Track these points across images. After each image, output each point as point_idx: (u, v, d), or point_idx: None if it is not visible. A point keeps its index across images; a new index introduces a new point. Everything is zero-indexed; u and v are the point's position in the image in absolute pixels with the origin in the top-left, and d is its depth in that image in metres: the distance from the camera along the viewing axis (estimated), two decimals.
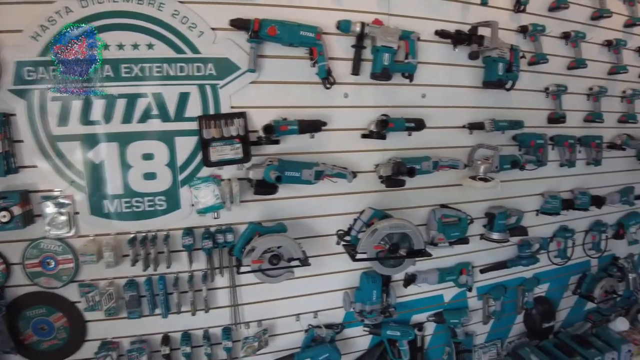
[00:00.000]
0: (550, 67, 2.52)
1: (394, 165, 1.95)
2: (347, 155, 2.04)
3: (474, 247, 2.51)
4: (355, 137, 2.03)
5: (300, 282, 2.10)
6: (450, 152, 2.25)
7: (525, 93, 2.47)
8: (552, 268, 2.92)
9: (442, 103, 2.21)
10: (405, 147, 2.14)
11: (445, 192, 2.33)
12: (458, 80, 2.24)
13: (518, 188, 2.58)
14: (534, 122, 2.55)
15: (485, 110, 2.33)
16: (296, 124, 1.81)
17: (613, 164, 3.02)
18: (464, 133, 2.28)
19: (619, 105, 2.97)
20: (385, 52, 1.90)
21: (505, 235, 2.43)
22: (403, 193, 2.19)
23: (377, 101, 2.05)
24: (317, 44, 1.82)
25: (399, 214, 2.20)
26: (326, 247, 2.10)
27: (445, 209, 2.29)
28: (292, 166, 1.82)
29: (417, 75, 2.08)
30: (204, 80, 1.80)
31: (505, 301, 2.73)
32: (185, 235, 1.85)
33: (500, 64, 2.16)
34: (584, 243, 3.05)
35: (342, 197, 2.08)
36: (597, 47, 2.76)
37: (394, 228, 1.89)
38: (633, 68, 2.92)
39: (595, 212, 2.97)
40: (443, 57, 2.17)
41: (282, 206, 1.99)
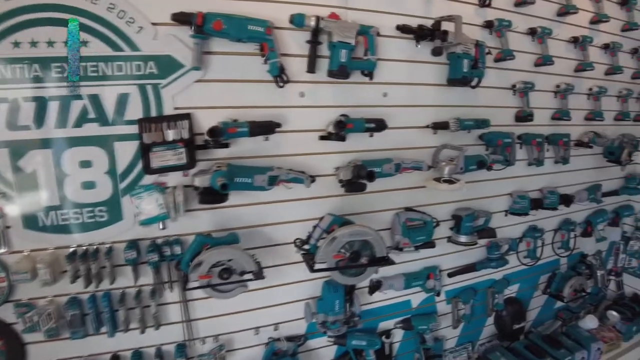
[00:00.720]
0: (517, 64, 2.45)
1: (353, 169, 1.84)
2: (305, 158, 1.91)
3: (441, 250, 2.43)
4: (313, 139, 1.90)
5: (259, 293, 1.98)
6: (414, 153, 2.15)
7: (491, 91, 2.39)
8: (522, 268, 2.87)
9: (405, 102, 2.10)
10: (366, 149, 2.03)
11: (410, 194, 2.23)
12: (421, 78, 2.13)
13: (486, 188, 2.51)
14: (501, 120, 2.47)
15: (450, 109, 2.24)
16: (246, 125, 1.67)
17: (580, 162, 2.98)
18: (428, 133, 2.18)
19: (586, 102, 2.93)
20: (343, 49, 1.78)
21: (473, 238, 2.36)
22: (366, 197, 2.08)
23: (335, 100, 1.92)
24: (268, 40, 1.68)
25: (362, 218, 2.09)
26: (285, 256, 1.98)
27: (410, 212, 2.20)
28: (243, 171, 1.68)
29: (377, 72, 1.97)
30: (145, 79, 1.64)
31: (475, 304, 2.67)
32: (129, 248, 1.70)
33: (465, 60, 2.07)
34: (553, 242, 3.02)
35: (302, 202, 1.96)
36: (563, 43, 2.71)
37: (354, 235, 1.78)
38: (599, 65, 2.88)
39: (564, 211, 2.93)
40: (405, 53, 2.06)
41: (236, 214, 1.85)
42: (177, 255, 1.76)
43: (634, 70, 3.22)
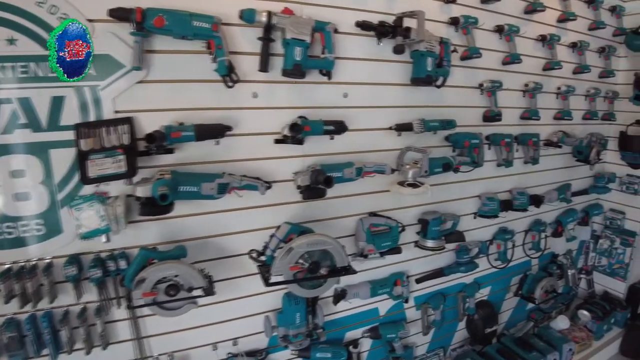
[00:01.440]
0: (484, 62, 2.39)
1: (311, 174, 1.73)
2: (260, 163, 1.79)
3: (408, 255, 2.35)
4: (269, 143, 1.78)
5: (216, 307, 1.85)
6: (377, 156, 2.06)
7: (458, 90, 2.32)
8: (493, 271, 2.82)
9: (367, 103, 2.00)
10: (327, 152, 1.92)
11: (374, 198, 2.13)
12: (384, 78, 2.04)
13: (453, 191, 2.44)
14: (468, 120, 2.41)
15: (414, 109, 2.15)
16: (192, 129, 1.55)
17: (550, 162, 2.95)
18: (392, 135, 2.09)
19: (555, 101, 2.90)
20: (297, 46, 1.66)
21: (440, 242, 2.28)
22: (328, 202, 1.98)
23: (292, 101, 1.81)
24: (215, 37, 1.56)
25: (324, 225, 1.99)
26: (242, 267, 1.85)
27: (375, 218, 2.10)
28: (188, 179, 1.56)
29: (337, 72, 1.87)
30: (82, 81, 1.49)
31: (446, 309, 2.61)
32: (69, 264, 1.55)
33: (429, 58, 1.98)
34: (524, 243, 2.98)
35: (258, 210, 1.84)
36: (531, 42, 2.66)
37: (313, 245, 1.67)
38: (567, 64, 2.85)
39: (534, 212, 2.90)
40: (366, 52, 1.96)
41: (186, 225, 1.72)
42: (123, 270, 1.62)
43: (601, 69, 3.21)
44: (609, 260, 3.60)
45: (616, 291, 3.62)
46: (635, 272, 3.56)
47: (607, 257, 3.61)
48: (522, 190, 2.71)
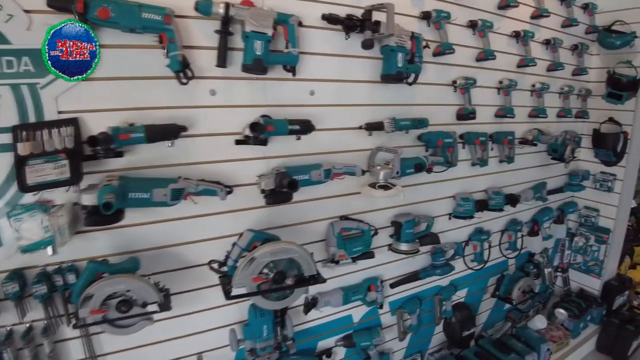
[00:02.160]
0: (458, 59, 2.32)
1: (276, 177, 1.62)
2: (220, 166, 1.67)
3: (382, 259, 2.26)
4: (229, 144, 1.66)
5: (178, 321, 1.72)
6: (347, 157, 1.96)
7: (430, 87, 2.24)
8: (469, 272, 2.76)
9: (335, 101, 1.90)
10: (293, 154, 1.82)
11: (345, 201, 2.04)
12: (353, 74, 1.94)
13: (427, 192, 2.36)
14: (441, 119, 2.33)
15: (385, 108, 2.06)
16: (142, 130, 1.42)
17: (525, 160, 2.92)
18: (363, 134, 2.00)
19: (529, 99, 2.86)
20: (257, 39, 1.55)
21: (414, 245, 2.20)
22: (296, 206, 1.88)
23: (254, 99, 1.70)
24: (167, 29, 1.43)
25: (291, 231, 1.89)
26: (203, 278, 1.73)
27: (346, 222, 2.01)
28: (138, 185, 1.42)
29: (302, 68, 1.76)
30: (19, 78, 1.34)
31: (422, 313, 2.53)
32: (9, 280, 1.40)
33: (400, 54, 1.90)
34: (500, 243, 2.93)
35: (220, 217, 1.72)
36: (505, 38, 2.60)
37: (277, 254, 1.56)
38: (540, 62, 2.81)
39: (510, 211, 2.85)
40: (333, 46, 1.86)
41: (140, 234, 1.59)
42: (72, 284, 1.48)
43: (574, 66, 3.19)
44: (584, 258, 3.61)
45: (591, 288, 3.63)
46: (610, 269, 3.59)
47: (582, 255, 3.61)
48: (498, 190, 2.66)
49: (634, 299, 3.91)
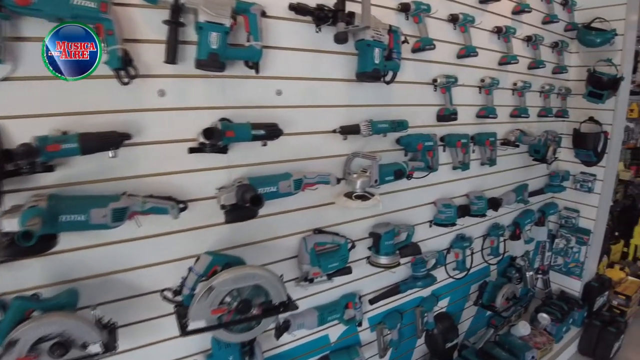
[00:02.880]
0: (438, 55, 2.15)
1: (237, 191, 1.41)
2: (172, 178, 1.44)
3: (360, 273, 2.09)
4: (183, 152, 1.43)
5: (130, 356, 1.48)
6: (320, 164, 1.77)
7: (409, 86, 2.07)
8: (451, 281, 2.61)
9: (306, 101, 1.70)
10: (259, 162, 1.61)
11: (319, 213, 1.84)
12: (325, 72, 1.74)
13: (407, 198, 2.19)
14: (421, 120, 2.16)
15: (361, 109, 1.87)
16: (76, 140, 1.18)
17: (506, 162, 2.79)
18: (337, 139, 1.80)
19: (511, 98, 2.73)
20: (213, 31, 1.34)
21: (395, 258, 2.03)
22: (263, 221, 1.67)
23: (211, 100, 1.47)
24: (104, 19, 1.20)
25: (258, 249, 1.68)
26: (159, 306, 1.47)
27: (320, 235, 1.82)
28: (73, 205, 1.19)
29: (268, 64, 1.56)
30: None
31: (403, 326, 2.37)
32: None
33: (377, 49, 1.71)
34: (483, 249, 2.80)
35: (174, 237, 1.49)
36: (486, 33, 2.46)
37: (240, 281, 1.35)
38: (522, 59, 2.68)
39: (492, 215, 2.73)
40: (303, 40, 1.65)
41: (79, 260, 1.34)
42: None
43: (555, 64, 3.09)
44: (565, 260, 3.53)
45: (572, 290, 3.57)
46: (590, 270, 3.52)
47: (563, 257, 3.54)
48: (480, 194, 2.51)
49: (613, 298, 3.89)
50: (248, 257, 1.61)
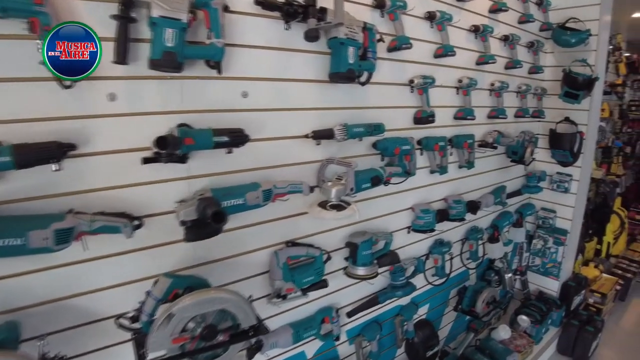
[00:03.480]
0: (414, 55, 2.06)
1: (198, 205, 1.27)
2: (127, 191, 1.29)
3: (337, 284, 1.98)
4: (138, 162, 1.28)
5: None
6: (292, 172, 1.65)
7: (385, 87, 1.96)
8: (430, 287, 2.53)
9: (275, 104, 1.57)
10: (224, 171, 1.48)
11: (292, 223, 1.72)
12: (295, 72, 1.61)
13: (384, 205, 2.09)
14: (398, 123, 2.07)
15: (335, 111, 1.76)
16: (8, 152, 1.03)
17: (484, 164, 2.74)
18: (310, 144, 1.68)
19: (488, 98, 2.67)
20: (168, 27, 1.19)
21: (373, 268, 1.93)
22: (230, 235, 1.54)
23: (169, 104, 1.33)
24: (39, 13, 1.05)
25: (225, 266, 1.55)
26: (115, 332, 1.33)
27: (293, 248, 1.69)
28: (7, 228, 1.02)
29: (232, 64, 1.43)
30: None
31: (382, 337, 2.28)
32: None
33: (351, 48, 1.60)
34: (462, 252, 2.73)
35: (130, 257, 1.34)
36: (464, 32, 2.39)
37: (203, 306, 1.21)
38: (499, 58, 2.62)
39: (470, 218, 2.66)
40: (271, 38, 1.53)
41: (21, 287, 1.17)
42: None
43: (531, 64, 3.06)
44: (543, 260, 3.52)
45: (550, 290, 3.56)
46: (567, 269, 3.52)
47: (540, 257, 3.52)
48: (458, 198, 2.44)
49: (590, 296, 3.90)
50: (215, 276, 1.49)
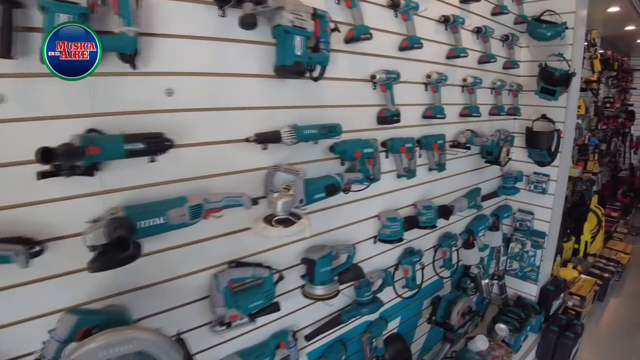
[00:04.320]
0: (376, 47, 1.86)
1: (107, 226, 1.04)
2: (24, 212, 1.05)
3: (293, 305, 1.77)
4: (33, 177, 1.04)
5: None
6: (233, 182, 1.43)
7: (343, 84, 1.75)
8: (401, 300, 2.35)
9: (209, 103, 1.34)
10: (147, 183, 1.24)
11: (236, 240, 1.49)
12: (234, 65, 1.38)
13: (346, 214, 1.88)
14: (359, 124, 1.85)
15: (284, 111, 1.54)
16: None
17: (456, 165, 2.56)
18: (254, 149, 1.45)
19: (460, 95, 2.49)
20: (65, 13, 0.97)
21: (333, 286, 1.72)
22: (159, 257, 1.31)
23: (75, 106, 1.09)
24: None
25: (155, 293, 1.31)
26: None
27: (237, 270, 1.47)
28: None
29: (153, 56, 1.19)
30: None
31: (348, 357, 2.08)
32: None
33: (298, 37, 1.39)
34: (434, 261, 2.55)
35: (36, 287, 1.10)
36: (433, 23, 2.19)
37: (114, 349, 0.98)
38: (472, 52, 2.45)
39: (443, 224, 2.49)
40: (204, 26, 1.29)
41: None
42: None
43: (505, 59, 2.90)
44: (521, 264, 3.38)
45: (529, 294, 3.44)
46: (545, 273, 3.40)
47: (518, 261, 3.38)
48: (429, 204, 2.25)
49: (568, 299, 3.81)
50: (142, 306, 1.27)
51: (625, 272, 5.02)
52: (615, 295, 4.67)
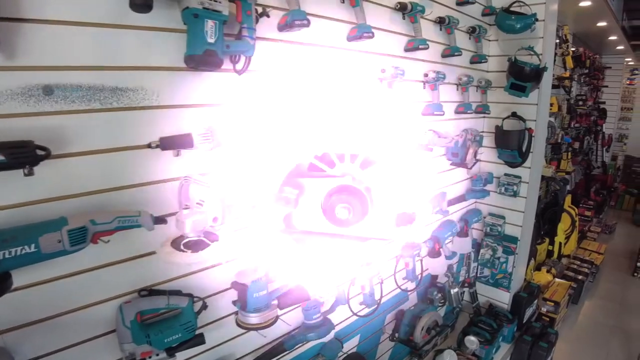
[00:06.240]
0: (319, 36, 1.63)
1: None
2: None
3: (230, 332, 1.54)
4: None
5: None
6: (143, 196, 1.18)
7: (277, 78, 1.52)
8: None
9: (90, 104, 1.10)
10: (23, 202, 0.99)
11: (152, 263, 1.25)
12: (134, 57, 1.13)
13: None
14: None
15: (202, 110, 1.30)
16: None
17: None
18: (166, 156, 1.21)
19: (421, 92, 2.27)
20: None
21: (270, 313, 1.48)
22: (54, 286, 1.07)
23: None
24: None
25: (48, 330, 1.07)
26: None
27: (147, 300, 1.22)
28: None
29: (26, 47, 0.94)
30: None
31: None
32: None
33: (210, 22, 1.14)
34: (395, 272, 2.34)
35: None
36: (388, 11, 1.97)
37: None
38: (434, 44, 2.24)
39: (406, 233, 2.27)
40: (92, 10, 1.04)
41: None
42: None
43: (473, 53, 2.71)
44: (492, 271, 3.20)
45: (501, 302, 3.28)
46: (518, 278, 3.25)
47: (489, 268, 3.20)
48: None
49: (542, 305, 3.68)
50: (32, 344, 1.05)
51: (599, 273, 4.96)
52: (590, 298, 4.59)
